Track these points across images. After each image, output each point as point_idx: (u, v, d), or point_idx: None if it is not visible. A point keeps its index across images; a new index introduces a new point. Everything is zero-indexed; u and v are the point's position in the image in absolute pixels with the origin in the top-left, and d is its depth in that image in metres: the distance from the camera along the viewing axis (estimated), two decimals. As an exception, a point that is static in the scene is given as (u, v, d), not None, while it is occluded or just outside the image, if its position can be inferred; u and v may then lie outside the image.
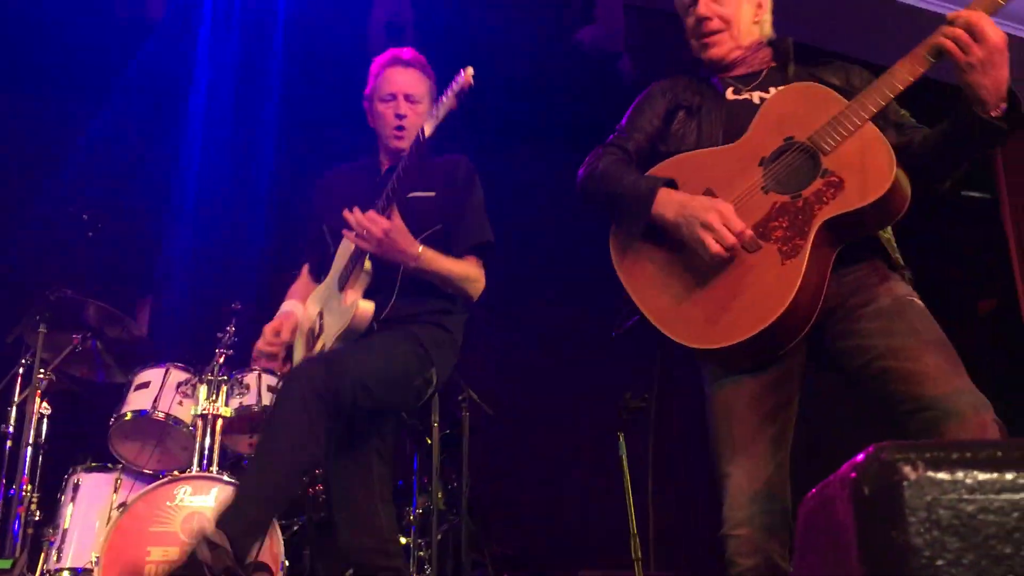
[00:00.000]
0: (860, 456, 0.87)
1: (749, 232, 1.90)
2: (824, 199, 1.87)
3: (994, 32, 1.80)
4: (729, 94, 2.19)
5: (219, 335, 3.76)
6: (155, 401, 3.59)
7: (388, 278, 2.55)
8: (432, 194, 2.64)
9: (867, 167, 1.86)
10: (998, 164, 5.17)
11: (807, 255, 1.83)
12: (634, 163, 2.20)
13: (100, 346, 3.95)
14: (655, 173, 2.11)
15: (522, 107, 5.58)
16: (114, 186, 4.80)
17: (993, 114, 1.81)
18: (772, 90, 2.13)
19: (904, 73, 1.89)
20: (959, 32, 1.80)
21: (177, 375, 3.67)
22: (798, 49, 2.23)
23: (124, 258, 4.39)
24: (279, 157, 5.36)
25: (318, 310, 2.68)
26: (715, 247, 1.89)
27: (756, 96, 2.17)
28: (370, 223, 2.42)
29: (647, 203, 2.03)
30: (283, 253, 4.70)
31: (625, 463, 4.00)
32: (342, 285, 2.59)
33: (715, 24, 2.21)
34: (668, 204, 2.00)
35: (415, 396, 2.49)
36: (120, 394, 3.70)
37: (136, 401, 3.61)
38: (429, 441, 3.82)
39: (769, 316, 1.82)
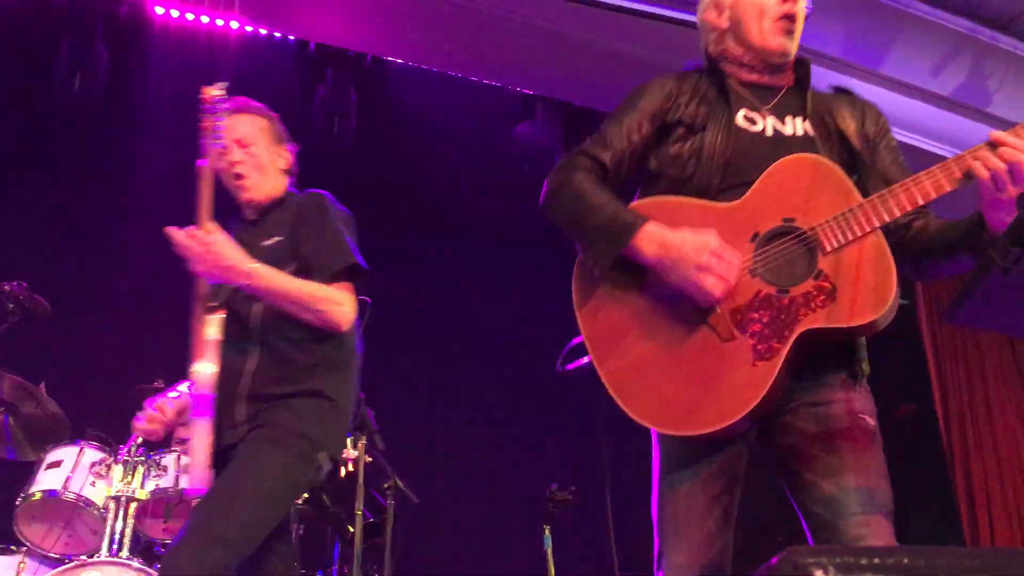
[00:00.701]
0: (774, 559, 0.89)
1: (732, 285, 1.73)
2: (812, 305, 1.71)
3: None
4: (741, 119, 1.95)
5: (138, 413, 3.65)
6: (66, 481, 3.44)
7: (240, 324, 2.36)
8: (281, 238, 2.47)
9: (865, 283, 1.70)
10: (915, 271, 5.38)
11: (780, 363, 1.70)
12: (609, 180, 1.96)
13: (12, 422, 3.80)
14: (634, 208, 1.89)
15: (457, 195, 5.68)
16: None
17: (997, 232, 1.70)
18: (788, 121, 1.96)
19: (930, 186, 1.70)
20: (1000, 168, 1.64)
21: (92, 454, 3.54)
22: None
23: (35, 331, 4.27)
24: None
25: None
26: (716, 290, 1.73)
27: (770, 126, 1.96)
28: (190, 238, 2.27)
29: (627, 233, 1.81)
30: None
31: (550, 556, 3.95)
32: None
33: (798, 24, 2.00)
34: (650, 241, 1.79)
35: (309, 487, 2.36)
36: (30, 472, 3.54)
37: (46, 480, 3.46)
38: (351, 529, 3.73)
39: (731, 415, 1.70)
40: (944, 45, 4.84)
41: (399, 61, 4.71)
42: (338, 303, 2.38)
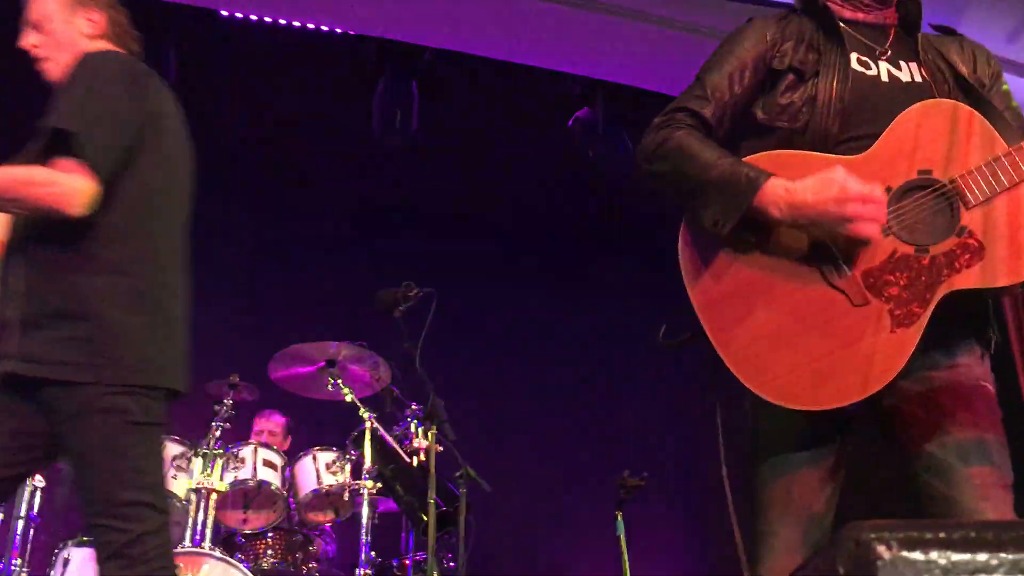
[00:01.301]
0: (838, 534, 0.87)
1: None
2: (956, 264, 1.58)
3: None
4: (854, 62, 1.78)
5: (216, 407, 3.75)
6: (150, 474, 3.56)
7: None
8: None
9: (1016, 238, 1.57)
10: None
11: (921, 329, 1.56)
12: (712, 134, 1.78)
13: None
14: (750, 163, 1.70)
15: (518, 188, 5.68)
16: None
17: None
18: (903, 66, 1.80)
19: None
20: None
21: (173, 448, 3.65)
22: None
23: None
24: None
25: None
26: (876, 235, 1.58)
27: (885, 71, 1.80)
28: None
29: (749, 190, 1.63)
30: (286, 326, 4.72)
31: (624, 542, 3.94)
32: None
33: None
34: (776, 199, 1.62)
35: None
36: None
37: (131, 474, 3.58)
38: (425, 518, 3.77)
39: (872, 386, 1.57)
40: (1020, 10, 4.65)
41: (456, 50, 4.71)
42: (46, 184, 1.94)
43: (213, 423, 3.68)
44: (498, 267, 5.78)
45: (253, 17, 4.69)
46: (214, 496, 3.53)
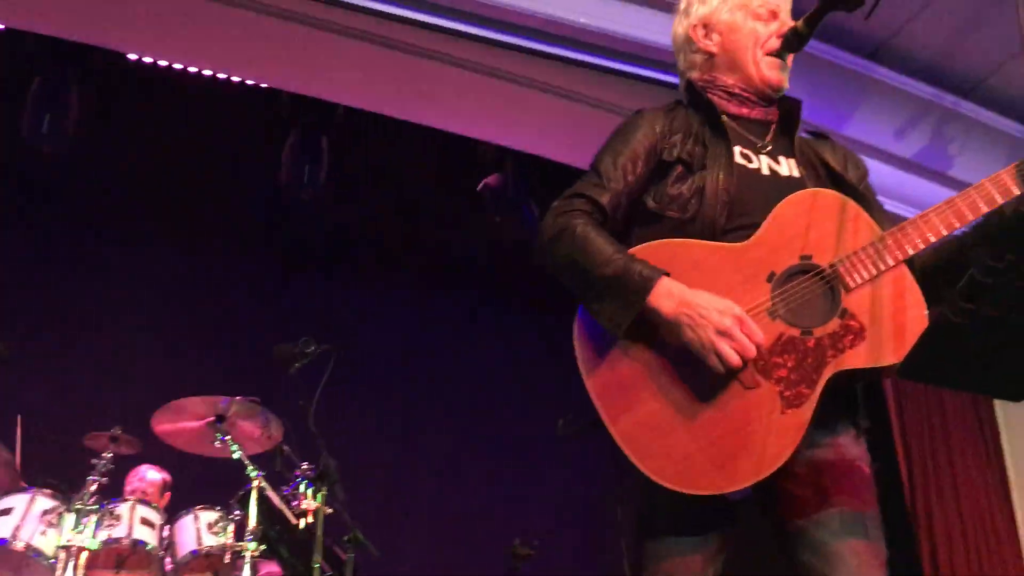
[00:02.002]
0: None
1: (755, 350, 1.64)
2: (840, 345, 1.63)
3: None
4: (738, 155, 1.87)
5: (93, 461, 3.57)
6: (16, 529, 3.35)
7: None
8: None
9: (896, 320, 1.63)
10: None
11: (811, 410, 1.60)
12: (607, 222, 1.84)
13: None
14: (641, 254, 1.76)
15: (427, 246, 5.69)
16: None
17: None
18: (782, 161, 1.90)
19: (966, 207, 1.67)
20: None
21: (43, 502, 3.45)
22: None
23: None
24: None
25: None
26: (734, 358, 1.62)
27: (766, 164, 1.89)
28: None
29: (642, 291, 1.69)
30: (174, 378, 4.56)
31: (512, 613, 3.88)
32: None
33: (790, 58, 1.94)
34: (668, 297, 1.68)
35: None
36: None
37: (-4, 528, 3.36)
38: (309, 583, 3.64)
39: (765, 469, 1.60)
40: (908, 109, 4.95)
41: (369, 111, 4.72)
42: None
43: (90, 477, 3.50)
44: (402, 325, 5.73)
45: (163, 63, 4.62)
46: (84, 555, 3.33)
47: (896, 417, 5.02)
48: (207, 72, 4.66)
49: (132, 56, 4.57)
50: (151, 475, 4.26)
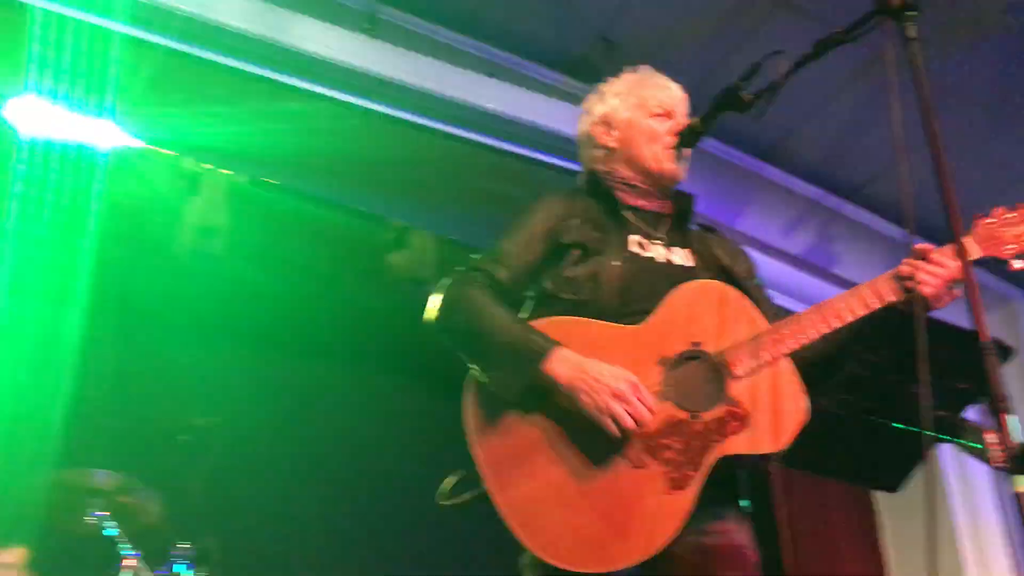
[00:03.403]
0: None
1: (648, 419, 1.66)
2: (725, 431, 1.69)
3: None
4: (633, 243, 1.96)
5: None
6: None
7: None
8: None
9: (777, 409, 1.70)
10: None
11: (696, 492, 1.64)
12: (504, 298, 1.88)
13: None
14: (538, 328, 1.79)
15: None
16: None
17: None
18: (675, 251, 1.98)
19: (846, 308, 1.77)
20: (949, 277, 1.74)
21: None
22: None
23: None
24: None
25: None
26: (628, 421, 1.66)
27: (661, 254, 1.97)
28: None
29: (538, 358, 1.71)
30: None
31: None
32: None
33: (686, 152, 2.06)
34: (563, 363, 1.71)
35: None
36: None
37: None
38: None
39: (648, 550, 1.61)
40: (796, 208, 5.19)
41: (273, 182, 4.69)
42: None
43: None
44: (294, 397, 5.58)
45: None
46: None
47: (782, 504, 5.12)
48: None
49: None
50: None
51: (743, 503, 1.85)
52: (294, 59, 3.84)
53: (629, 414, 1.67)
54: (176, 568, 3.54)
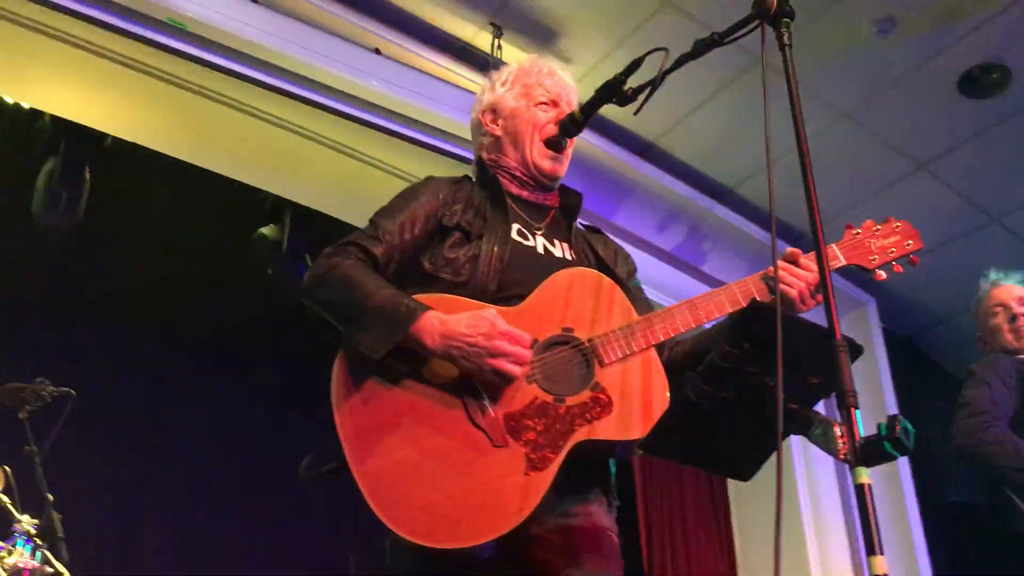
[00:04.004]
0: None
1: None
2: (588, 416, 1.71)
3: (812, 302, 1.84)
4: (515, 232, 1.97)
5: None
6: None
7: None
8: None
9: (641, 399, 1.74)
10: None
11: (553, 474, 1.66)
12: (380, 272, 1.88)
13: None
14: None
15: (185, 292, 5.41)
16: None
17: None
18: (556, 243, 2.02)
19: (713, 306, 1.83)
20: (810, 280, 1.82)
21: None
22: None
23: None
24: None
25: None
26: (516, 372, 1.69)
27: (541, 244, 2.00)
28: None
29: (407, 319, 1.71)
30: None
31: None
32: None
33: (568, 150, 2.11)
34: (431, 332, 1.70)
35: None
36: None
37: None
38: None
39: (502, 528, 1.62)
40: (669, 206, 5.34)
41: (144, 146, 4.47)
42: None
43: None
44: (153, 372, 5.37)
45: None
46: None
47: (641, 491, 5.28)
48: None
49: None
50: None
51: (611, 494, 1.88)
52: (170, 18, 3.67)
53: (514, 363, 1.70)
54: (18, 544, 3.37)
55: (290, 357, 5.51)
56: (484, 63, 4.33)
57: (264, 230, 5.22)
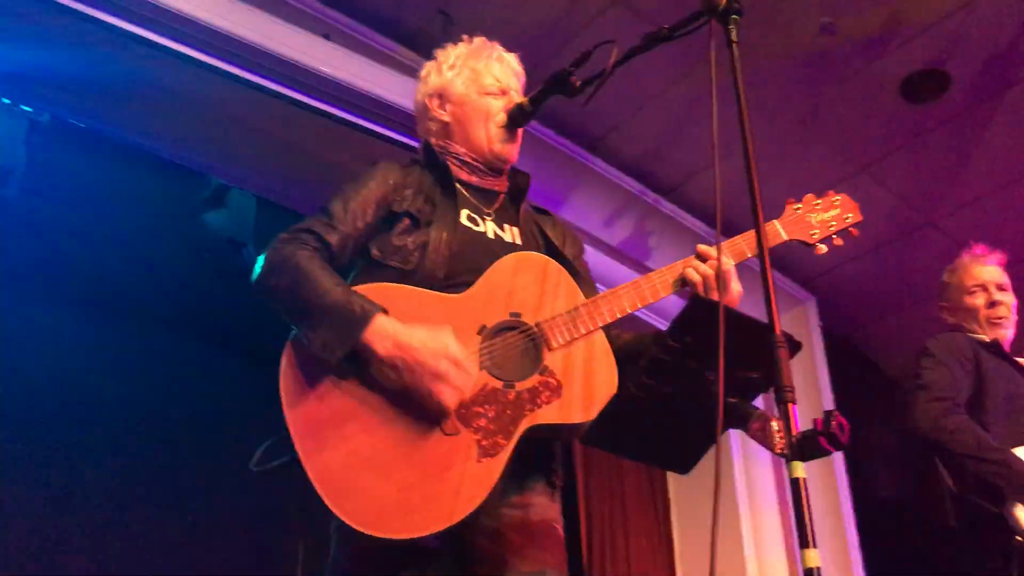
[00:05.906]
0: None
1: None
2: (538, 401, 1.72)
3: (736, 285, 1.87)
4: (464, 218, 1.97)
5: None
6: None
7: None
8: None
9: (590, 381, 1.74)
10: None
11: (505, 460, 1.67)
12: (333, 261, 1.85)
13: None
14: (361, 292, 1.76)
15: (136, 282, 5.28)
16: None
17: None
18: (506, 228, 2.02)
19: (648, 290, 1.85)
20: (708, 274, 1.83)
21: None
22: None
23: None
24: None
25: None
26: (452, 402, 1.66)
27: (491, 229, 2.00)
28: None
29: (359, 323, 1.68)
30: None
31: None
32: None
33: (519, 132, 2.12)
34: (383, 337, 1.68)
35: None
36: None
37: None
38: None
39: (456, 516, 1.62)
40: (616, 201, 5.36)
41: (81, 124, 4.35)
42: None
43: None
44: (82, 357, 5.22)
45: None
46: None
47: (582, 482, 5.31)
48: None
49: None
50: None
51: (554, 476, 1.89)
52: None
53: (452, 393, 1.68)
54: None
55: (234, 346, 5.43)
56: (432, 50, 4.30)
57: (208, 215, 5.13)
